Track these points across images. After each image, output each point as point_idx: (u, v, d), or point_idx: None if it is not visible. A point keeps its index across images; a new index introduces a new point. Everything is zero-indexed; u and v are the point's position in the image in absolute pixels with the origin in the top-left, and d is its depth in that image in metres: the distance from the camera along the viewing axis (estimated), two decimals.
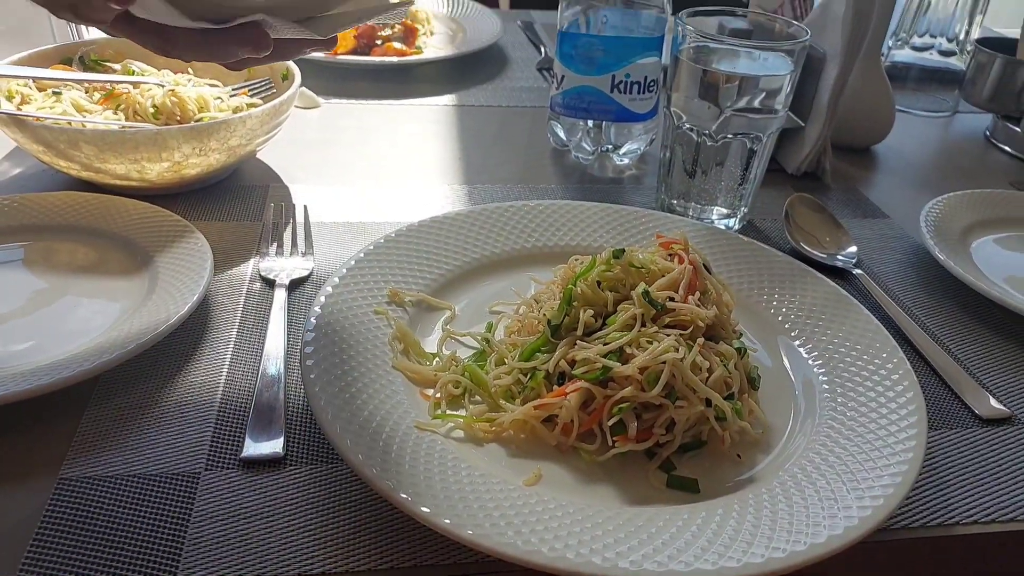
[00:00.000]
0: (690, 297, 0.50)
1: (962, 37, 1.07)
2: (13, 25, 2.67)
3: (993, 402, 0.54)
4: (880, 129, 0.93)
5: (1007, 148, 0.99)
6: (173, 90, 0.72)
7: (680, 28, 0.67)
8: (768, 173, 0.82)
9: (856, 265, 0.68)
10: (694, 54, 0.67)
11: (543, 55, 1.15)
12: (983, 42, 1.04)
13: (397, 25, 1.07)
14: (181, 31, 0.43)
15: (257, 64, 0.49)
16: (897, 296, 0.66)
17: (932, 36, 1.08)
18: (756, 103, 0.66)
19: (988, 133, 1.03)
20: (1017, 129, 0.97)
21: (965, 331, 0.62)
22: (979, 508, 0.46)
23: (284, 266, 0.62)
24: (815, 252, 0.69)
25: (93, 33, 0.94)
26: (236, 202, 0.72)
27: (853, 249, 0.70)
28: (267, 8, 0.44)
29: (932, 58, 1.09)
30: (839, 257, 0.69)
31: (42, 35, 2.66)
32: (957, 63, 1.08)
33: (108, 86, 0.74)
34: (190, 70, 0.81)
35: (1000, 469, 0.49)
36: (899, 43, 1.10)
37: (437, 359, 0.53)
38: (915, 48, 1.09)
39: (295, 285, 0.60)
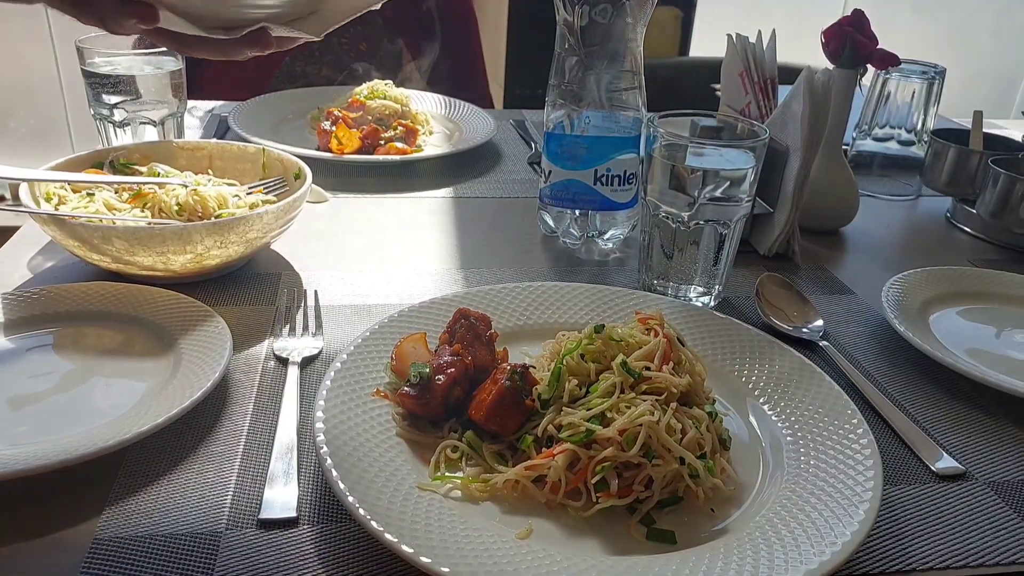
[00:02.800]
0: (664, 367, 0.56)
1: (919, 127, 1.16)
2: (34, 127, 2.81)
3: (948, 460, 0.59)
4: (846, 213, 1.01)
5: (966, 228, 1.06)
6: (195, 190, 0.80)
7: (652, 129, 0.75)
8: (742, 255, 0.89)
9: (822, 337, 0.74)
10: (665, 151, 0.75)
11: (533, 150, 1.24)
12: (938, 133, 1.13)
13: (399, 127, 1.16)
14: (195, 37, 0.54)
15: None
16: (860, 364, 0.71)
17: (892, 127, 1.17)
18: (723, 193, 0.73)
19: (948, 214, 1.10)
20: (973, 211, 1.04)
21: (922, 395, 0.68)
22: (935, 556, 0.51)
23: (296, 346, 0.68)
24: (783, 326, 0.75)
25: (119, 140, 1.03)
26: (252, 288, 0.78)
27: (819, 323, 0.76)
28: (267, 19, 0.55)
29: (893, 147, 1.17)
30: (805, 330, 0.75)
31: (59, 134, 2.80)
32: (917, 151, 1.17)
33: (136, 187, 0.82)
34: (210, 171, 0.89)
35: (955, 521, 0.54)
36: (862, 134, 1.19)
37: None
38: (877, 139, 1.18)
39: (307, 363, 0.66)
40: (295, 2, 0.58)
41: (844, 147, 1.03)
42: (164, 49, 0.95)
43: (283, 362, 0.66)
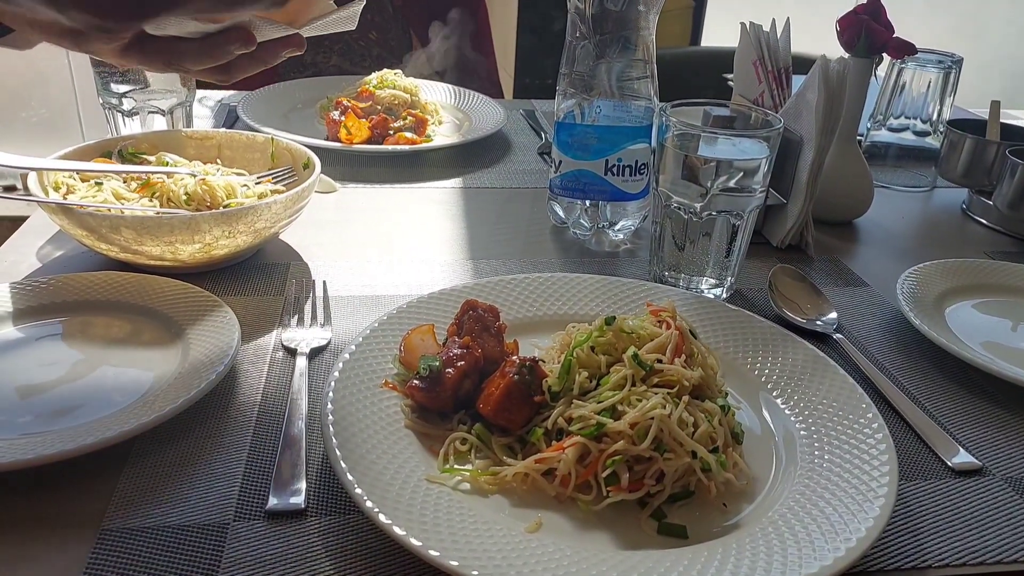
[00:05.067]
0: (676, 359, 0.55)
1: (935, 118, 1.14)
2: (44, 116, 2.82)
3: (965, 455, 0.58)
4: (860, 205, 1.00)
5: (982, 220, 1.05)
6: (204, 179, 0.79)
7: (664, 118, 0.74)
8: (754, 246, 0.88)
9: (836, 330, 0.73)
10: (678, 141, 0.74)
11: (543, 140, 1.23)
12: (954, 123, 1.12)
13: (409, 117, 1.15)
14: (184, 43, 0.51)
15: (247, 68, 0.56)
16: (875, 358, 0.71)
17: (907, 117, 1.16)
18: (736, 184, 0.72)
19: (964, 206, 1.09)
20: (990, 202, 1.03)
21: (938, 389, 0.67)
22: (951, 553, 0.50)
23: (305, 336, 0.67)
24: (796, 318, 0.74)
25: (128, 129, 1.02)
26: (260, 279, 0.78)
27: (833, 315, 0.75)
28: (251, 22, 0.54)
29: (908, 138, 1.16)
30: (818, 322, 0.74)
31: (69, 124, 2.81)
32: (933, 142, 1.15)
33: (144, 176, 0.81)
34: (218, 161, 0.89)
35: (971, 517, 0.53)
36: (876, 125, 1.18)
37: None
38: (892, 129, 1.16)
39: (315, 353, 0.66)
40: None
41: (859, 137, 1.02)
42: None
43: (291, 353, 0.65)
